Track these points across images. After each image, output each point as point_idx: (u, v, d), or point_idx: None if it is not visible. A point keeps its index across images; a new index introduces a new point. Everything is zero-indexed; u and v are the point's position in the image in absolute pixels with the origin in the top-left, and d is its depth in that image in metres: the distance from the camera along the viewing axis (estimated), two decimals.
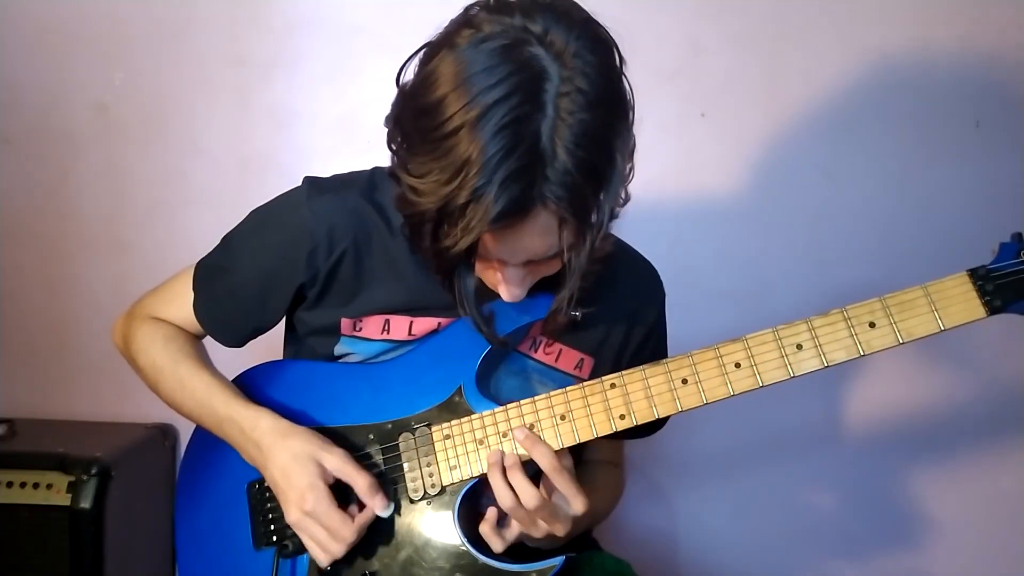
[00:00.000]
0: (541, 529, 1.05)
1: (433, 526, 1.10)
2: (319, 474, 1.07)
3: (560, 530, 1.05)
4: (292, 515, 1.07)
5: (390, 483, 1.11)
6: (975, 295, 0.98)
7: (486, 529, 1.07)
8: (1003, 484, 1.86)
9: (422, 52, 0.93)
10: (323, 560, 1.07)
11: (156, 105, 1.97)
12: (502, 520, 1.08)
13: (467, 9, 0.91)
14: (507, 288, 0.99)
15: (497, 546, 1.07)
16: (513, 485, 1.03)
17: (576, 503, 1.04)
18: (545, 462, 1.03)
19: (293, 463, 1.07)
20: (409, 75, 0.94)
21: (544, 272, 1.01)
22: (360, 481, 1.07)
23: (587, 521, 1.12)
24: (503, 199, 0.85)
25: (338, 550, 1.06)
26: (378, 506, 1.07)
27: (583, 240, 0.91)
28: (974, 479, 1.86)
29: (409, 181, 0.90)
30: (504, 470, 1.04)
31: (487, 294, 1.05)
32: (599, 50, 0.89)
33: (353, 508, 1.08)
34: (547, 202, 0.87)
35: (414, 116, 0.90)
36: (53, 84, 1.99)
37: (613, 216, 0.93)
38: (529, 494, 1.01)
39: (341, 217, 1.13)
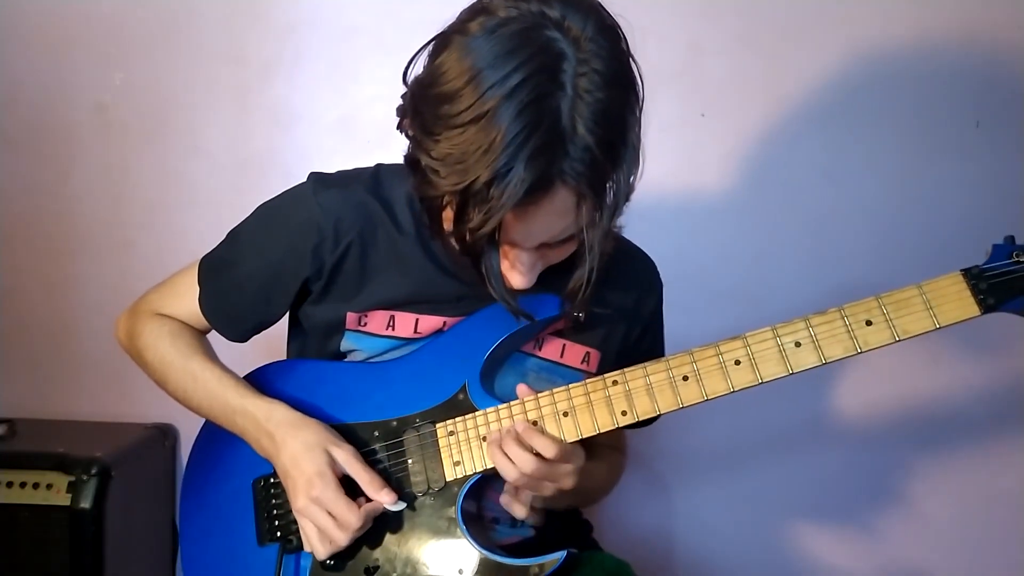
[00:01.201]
0: (550, 488, 1.07)
1: (436, 522, 1.10)
2: (328, 463, 1.08)
3: (568, 483, 1.07)
4: (299, 501, 1.08)
5: (395, 479, 1.12)
6: (969, 294, 1.00)
7: (506, 499, 1.09)
8: (1003, 484, 1.86)
9: (433, 42, 0.94)
10: (322, 551, 1.08)
11: (156, 105, 1.97)
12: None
13: None
14: (518, 274, 1.00)
15: (520, 512, 1.09)
16: (510, 456, 1.04)
17: (578, 459, 1.07)
18: (548, 451, 1.04)
19: (304, 451, 1.08)
20: (419, 69, 0.95)
21: (553, 259, 1.02)
22: (365, 476, 1.08)
23: (587, 484, 1.13)
24: (529, 177, 0.86)
25: (342, 538, 1.06)
26: (386, 500, 1.08)
27: (599, 218, 0.92)
28: (974, 478, 1.86)
29: (431, 164, 0.90)
30: (501, 445, 1.05)
31: None
32: (611, 35, 0.91)
33: (361, 499, 1.09)
34: (567, 179, 0.88)
35: (434, 104, 0.90)
36: (53, 84, 1.99)
37: (628, 195, 0.94)
38: (525, 459, 1.03)
39: (347, 211, 1.13)
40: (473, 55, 0.87)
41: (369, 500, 1.09)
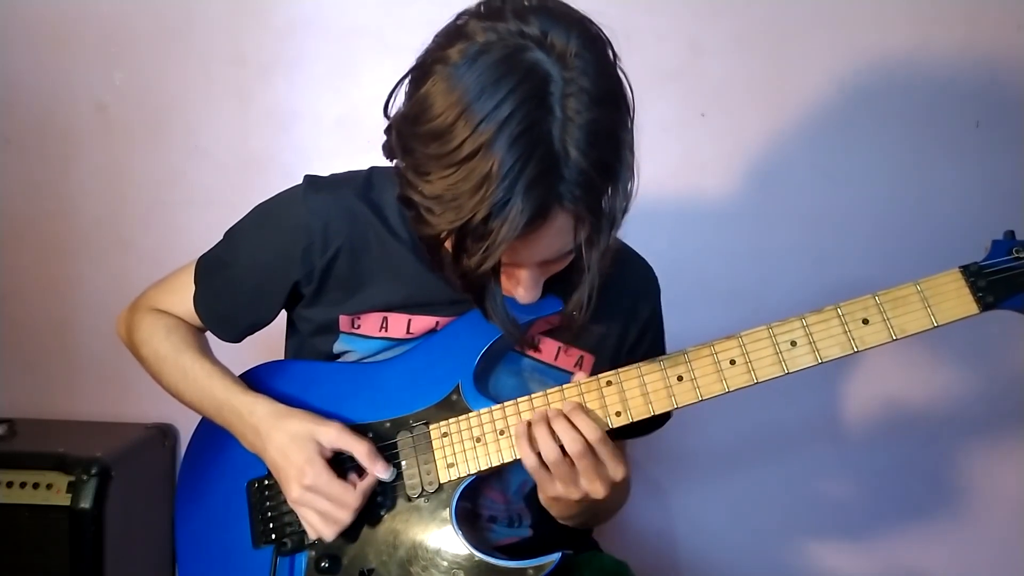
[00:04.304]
0: (581, 489, 1.01)
1: (431, 524, 1.10)
2: (316, 450, 1.08)
3: (599, 490, 1.01)
4: (293, 492, 1.08)
5: (388, 482, 1.11)
6: (968, 291, 0.98)
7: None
8: (1003, 484, 1.86)
9: (413, 72, 0.91)
10: (329, 533, 1.08)
11: (156, 105, 1.97)
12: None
13: (455, 19, 0.90)
14: (523, 290, 0.99)
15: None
16: (556, 432, 1.00)
17: (617, 470, 1.01)
18: (590, 432, 1.00)
19: (290, 443, 1.09)
20: (400, 98, 0.93)
21: (554, 270, 1.01)
22: (359, 448, 1.08)
23: (606, 505, 1.08)
24: (528, 208, 0.84)
25: (345, 518, 1.07)
26: (379, 470, 1.08)
27: (598, 236, 0.91)
28: (974, 478, 1.86)
29: (425, 203, 0.89)
30: (529, 437, 1.01)
31: None
32: (596, 47, 0.89)
33: (353, 477, 1.09)
34: (564, 203, 0.87)
35: (423, 142, 0.88)
36: (53, 84, 1.99)
37: (625, 211, 0.93)
38: (570, 437, 0.99)
39: (336, 215, 1.13)
40: (459, 88, 0.85)
41: (361, 474, 1.09)
